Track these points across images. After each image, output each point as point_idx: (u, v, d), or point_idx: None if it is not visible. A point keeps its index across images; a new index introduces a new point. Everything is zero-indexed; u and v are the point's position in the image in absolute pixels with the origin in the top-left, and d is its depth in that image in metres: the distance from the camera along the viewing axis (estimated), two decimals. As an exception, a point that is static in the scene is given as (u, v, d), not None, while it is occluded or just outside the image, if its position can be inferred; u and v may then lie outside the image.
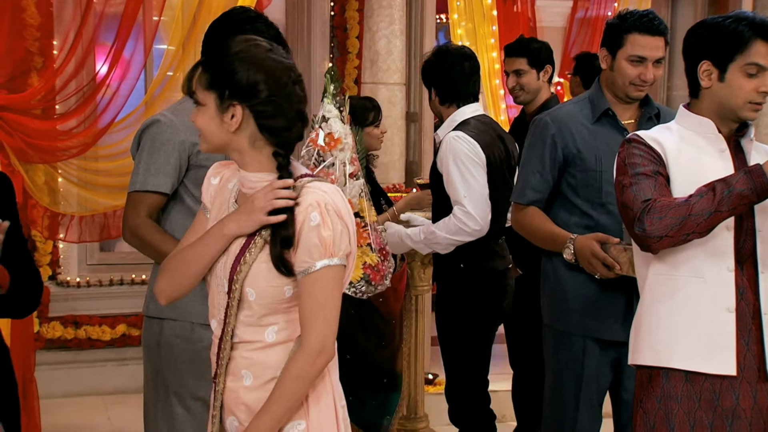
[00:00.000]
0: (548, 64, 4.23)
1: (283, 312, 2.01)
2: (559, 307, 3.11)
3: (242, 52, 1.97)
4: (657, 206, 2.34)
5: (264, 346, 2.02)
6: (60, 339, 5.01)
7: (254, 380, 2.02)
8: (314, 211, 1.95)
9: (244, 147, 2.01)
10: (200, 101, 2.00)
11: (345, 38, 5.37)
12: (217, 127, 1.99)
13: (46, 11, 4.47)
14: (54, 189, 4.21)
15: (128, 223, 2.79)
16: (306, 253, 1.95)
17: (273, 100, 1.97)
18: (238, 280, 1.99)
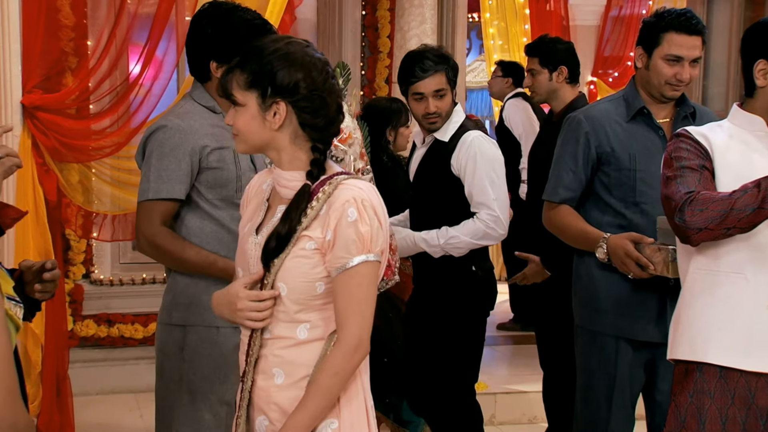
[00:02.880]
0: (563, 65, 4.17)
1: (315, 309, 2.01)
2: (591, 308, 3.09)
3: (280, 50, 1.98)
4: (699, 198, 2.32)
5: (296, 344, 2.01)
6: (93, 337, 5.06)
7: (286, 378, 2.02)
8: (351, 207, 1.95)
9: (285, 144, 2.02)
10: (239, 102, 2.00)
11: (376, 38, 5.38)
12: (259, 125, 2.00)
13: (81, 12, 4.50)
14: (88, 188, 4.24)
15: (143, 232, 2.75)
16: (343, 248, 1.95)
17: (315, 95, 1.99)
18: (270, 274, 1.99)
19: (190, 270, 2.76)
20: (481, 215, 3.44)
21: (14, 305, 1.76)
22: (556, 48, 4.22)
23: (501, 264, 7.83)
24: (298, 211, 1.98)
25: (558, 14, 7.51)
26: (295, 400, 2.00)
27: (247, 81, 1.98)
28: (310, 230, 1.98)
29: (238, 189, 2.78)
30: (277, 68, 1.97)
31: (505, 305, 6.91)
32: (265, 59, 1.98)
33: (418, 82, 3.45)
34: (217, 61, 2.77)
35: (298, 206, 1.98)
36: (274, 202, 2.09)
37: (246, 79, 1.99)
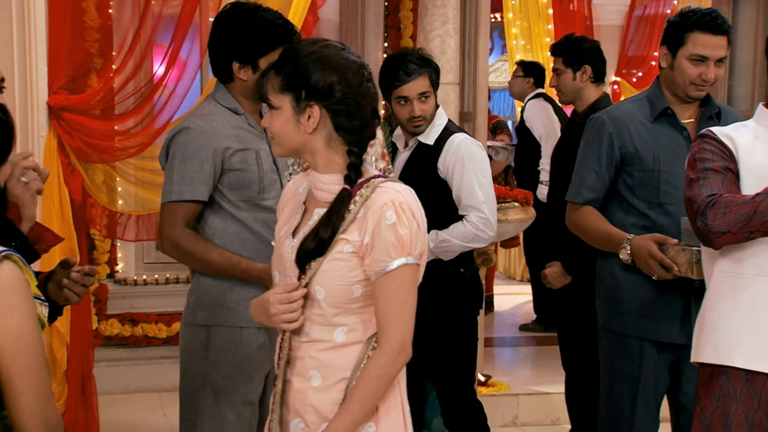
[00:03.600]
0: (587, 65, 4.15)
1: (352, 313, 2.01)
2: (615, 309, 3.08)
3: (315, 53, 1.98)
4: (722, 201, 2.31)
5: (333, 347, 2.01)
6: (118, 336, 5.08)
7: (323, 381, 2.01)
8: (390, 210, 1.95)
9: (320, 148, 2.02)
10: (274, 105, 2.01)
11: (399, 38, 5.37)
12: (294, 128, 2.00)
13: (106, 13, 4.54)
14: (112, 188, 4.27)
15: (167, 234, 2.77)
16: (383, 252, 1.95)
17: (350, 99, 1.99)
18: (306, 277, 2.00)
19: (213, 271, 2.77)
20: (470, 218, 3.42)
21: (40, 304, 1.79)
22: (581, 47, 4.20)
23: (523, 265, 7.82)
24: (339, 215, 1.98)
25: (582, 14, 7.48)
26: (331, 403, 2.00)
27: (282, 84, 1.99)
28: (347, 233, 1.98)
29: (261, 190, 2.79)
30: (311, 71, 1.97)
31: (527, 306, 6.90)
32: (300, 62, 1.98)
33: (403, 86, 3.44)
34: (240, 62, 2.79)
35: (339, 210, 1.98)
36: (310, 205, 2.09)
37: (281, 82, 1.99)
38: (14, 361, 1.67)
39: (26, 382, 1.69)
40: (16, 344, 1.68)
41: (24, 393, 1.69)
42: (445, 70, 4.78)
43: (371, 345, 2.00)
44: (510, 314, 7.11)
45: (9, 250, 1.69)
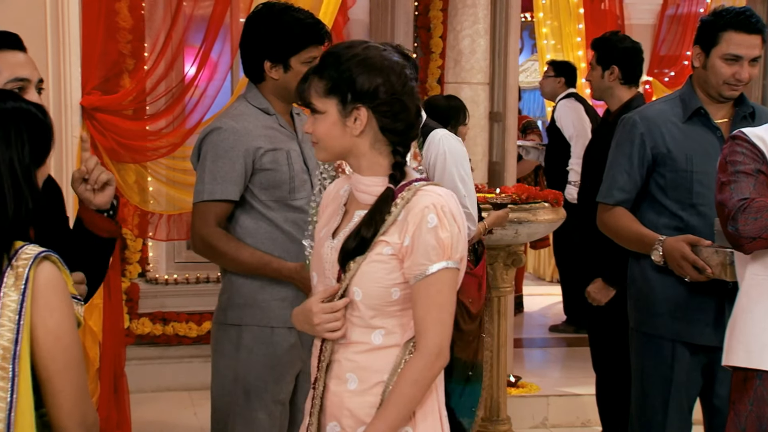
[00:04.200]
0: (615, 65, 4.10)
1: (390, 315, 2.00)
2: (647, 311, 3.06)
3: (358, 55, 1.98)
4: (753, 206, 2.28)
5: (370, 349, 2.01)
6: (149, 335, 5.12)
7: (359, 384, 2.01)
8: (431, 213, 1.94)
9: (365, 150, 2.02)
10: (319, 109, 2.00)
11: (428, 38, 5.37)
12: (340, 132, 2.00)
13: (138, 14, 4.57)
14: (144, 188, 4.31)
15: (198, 233, 2.79)
16: (423, 255, 1.94)
17: (395, 99, 1.98)
18: (345, 278, 2.00)
19: (244, 270, 2.79)
20: None
21: (76, 303, 1.81)
22: (615, 47, 4.16)
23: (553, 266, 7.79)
24: (381, 215, 1.98)
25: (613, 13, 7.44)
26: (368, 407, 1.99)
27: (326, 88, 1.98)
28: (387, 235, 1.98)
29: (291, 190, 2.80)
30: (356, 74, 1.96)
31: (557, 307, 6.86)
32: (344, 65, 1.97)
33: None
34: (271, 61, 2.80)
35: (382, 210, 1.98)
36: (351, 207, 2.09)
37: (325, 86, 1.98)
38: (53, 361, 1.69)
39: (65, 381, 1.71)
40: (55, 344, 1.70)
41: (62, 392, 1.71)
42: (474, 70, 4.79)
43: (409, 349, 2.00)
44: (540, 315, 7.08)
45: (48, 251, 1.71)
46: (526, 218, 4.02)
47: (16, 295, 1.65)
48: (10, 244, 1.68)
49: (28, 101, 1.81)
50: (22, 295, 1.65)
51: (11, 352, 1.63)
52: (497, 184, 4.85)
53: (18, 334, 1.64)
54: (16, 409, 1.64)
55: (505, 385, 4.35)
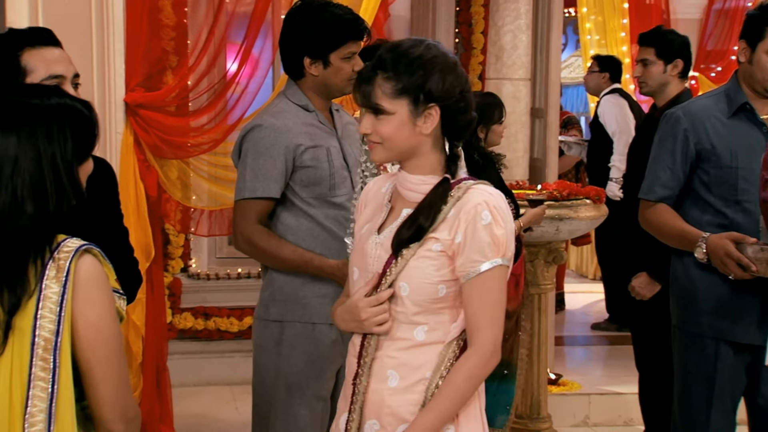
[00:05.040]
0: (679, 59, 4.07)
1: (433, 312, 2.00)
2: (690, 309, 3.02)
3: (424, 55, 1.99)
4: None
5: (413, 345, 2.01)
6: (191, 330, 5.16)
7: (400, 381, 2.00)
8: (485, 210, 1.95)
9: (426, 149, 2.03)
10: (387, 110, 1.99)
11: (470, 34, 5.35)
12: (410, 132, 2.00)
13: (181, 11, 4.60)
14: (186, 184, 4.33)
15: (240, 231, 2.79)
16: (477, 252, 1.95)
17: (462, 97, 2.01)
18: (391, 273, 1.99)
19: (285, 268, 2.80)
20: None
21: (118, 297, 1.83)
22: (674, 40, 4.12)
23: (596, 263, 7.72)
24: (437, 206, 1.98)
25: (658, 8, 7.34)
26: (409, 404, 1.99)
27: (397, 89, 1.98)
28: (437, 232, 1.98)
29: (332, 187, 2.80)
30: (427, 74, 1.97)
31: (600, 305, 6.81)
32: (414, 65, 1.97)
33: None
34: (311, 57, 2.80)
35: (438, 201, 1.99)
36: (397, 205, 2.09)
37: (394, 86, 1.98)
38: (94, 353, 1.71)
39: (105, 374, 1.73)
40: (96, 336, 1.71)
41: (103, 384, 1.73)
42: (516, 65, 4.77)
43: (452, 348, 2.00)
44: (582, 313, 7.03)
45: (89, 244, 1.73)
46: (567, 215, 3.99)
47: (58, 288, 1.67)
48: (52, 238, 1.71)
49: (73, 97, 1.83)
50: (63, 287, 1.67)
51: (52, 343, 1.66)
52: (538, 181, 4.81)
53: (59, 325, 1.66)
54: (57, 399, 1.66)
55: (546, 382, 4.32)
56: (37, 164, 1.69)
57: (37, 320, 1.66)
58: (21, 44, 2.24)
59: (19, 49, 2.23)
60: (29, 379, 1.65)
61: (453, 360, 1.99)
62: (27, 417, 1.64)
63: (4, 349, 1.66)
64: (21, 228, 1.67)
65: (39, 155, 1.70)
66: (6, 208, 1.67)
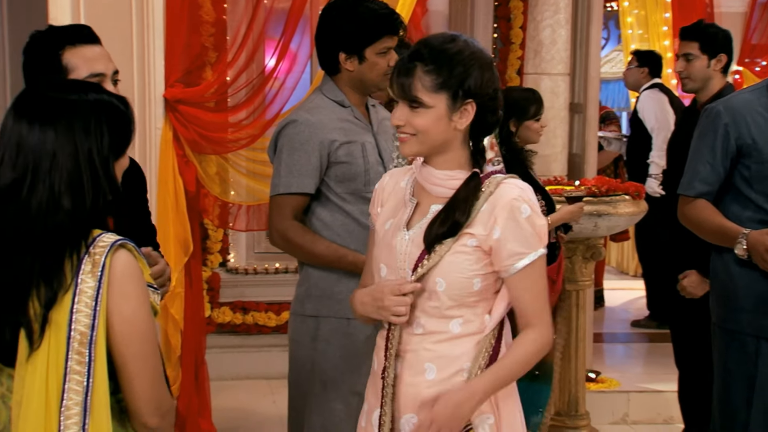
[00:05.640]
0: (723, 53, 4.02)
1: (467, 306, 2.02)
2: (730, 306, 2.97)
3: (464, 51, 2.00)
4: None
5: (449, 338, 2.02)
6: (229, 324, 5.20)
7: (438, 373, 2.01)
8: (523, 204, 1.97)
9: (458, 144, 2.04)
10: (426, 104, 2.00)
11: (508, 28, 5.32)
12: (445, 126, 2.01)
13: (221, 8, 4.64)
14: (224, 179, 4.36)
15: (275, 226, 2.81)
16: (522, 244, 1.97)
17: (496, 95, 2.03)
18: (423, 267, 2.00)
19: (320, 263, 2.80)
20: None
21: (152, 292, 1.84)
22: (718, 35, 4.07)
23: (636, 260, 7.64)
24: (471, 201, 2.00)
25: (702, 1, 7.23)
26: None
27: (437, 83, 1.98)
28: (471, 227, 1.99)
29: (367, 183, 2.80)
30: (468, 70, 1.98)
31: (640, 302, 6.74)
32: (454, 60, 1.99)
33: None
34: (346, 52, 2.80)
35: (470, 196, 2.00)
36: (423, 200, 2.09)
37: (435, 81, 1.98)
38: (129, 347, 1.73)
39: (140, 367, 1.74)
40: (130, 330, 1.73)
41: (137, 377, 1.74)
42: (555, 60, 4.73)
43: (489, 339, 2.02)
44: (622, 310, 6.97)
45: (124, 239, 1.75)
46: (606, 211, 3.95)
47: (93, 282, 1.68)
48: (88, 233, 1.72)
49: (110, 93, 1.84)
50: (98, 282, 1.68)
51: (88, 337, 1.67)
52: (577, 177, 4.77)
53: (94, 320, 1.67)
54: (92, 393, 1.67)
55: (584, 379, 4.29)
56: (75, 160, 1.71)
57: (73, 314, 1.67)
58: (62, 42, 2.27)
59: (60, 47, 2.26)
60: (65, 372, 1.66)
61: (490, 350, 2.02)
62: (63, 410, 1.66)
63: (41, 343, 1.67)
64: (58, 223, 1.69)
65: (76, 150, 1.71)
66: (44, 203, 1.69)
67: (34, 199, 1.69)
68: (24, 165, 1.70)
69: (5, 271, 1.69)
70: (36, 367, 1.67)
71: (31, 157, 1.69)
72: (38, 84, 1.81)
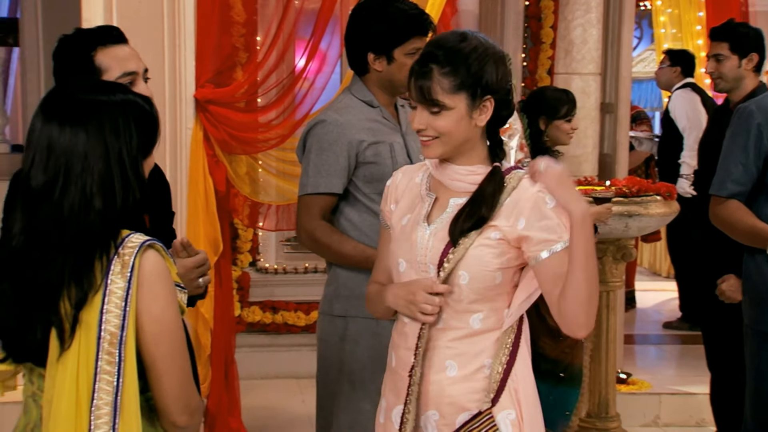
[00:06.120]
0: (754, 52, 3.98)
1: (488, 300, 2.03)
2: (762, 308, 2.95)
3: (477, 48, 2.01)
4: None
5: (469, 334, 2.03)
6: (259, 323, 5.22)
7: (459, 370, 2.03)
8: (547, 195, 1.98)
9: (476, 140, 2.06)
10: (448, 105, 2.00)
11: (539, 28, 5.29)
12: (467, 125, 2.02)
13: (252, 8, 4.66)
14: (254, 179, 4.37)
15: (303, 226, 2.81)
16: (551, 232, 1.98)
17: (510, 90, 2.06)
18: (449, 261, 2.00)
19: (347, 263, 2.81)
20: None
21: (180, 291, 1.85)
22: (749, 34, 4.03)
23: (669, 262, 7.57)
24: (495, 194, 2.01)
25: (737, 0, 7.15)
26: (470, 392, 2.02)
27: (455, 84, 1.99)
28: (495, 220, 2.00)
29: None
30: (484, 67, 2.00)
31: (672, 303, 6.69)
32: (470, 59, 1.99)
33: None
34: (375, 53, 2.80)
35: (495, 190, 2.01)
36: (441, 195, 2.10)
37: (453, 82, 1.99)
38: (158, 347, 1.74)
39: (168, 366, 1.76)
40: (159, 330, 1.74)
41: (166, 376, 1.76)
42: (585, 60, 4.70)
43: (509, 335, 2.03)
44: (654, 311, 6.92)
45: (152, 240, 1.76)
46: (637, 211, 3.91)
47: (123, 283, 1.70)
48: (117, 233, 1.74)
49: (135, 93, 1.86)
50: (128, 282, 1.70)
51: (118, 337, 1.68)
52: (608, 177, 4.74)
53: (124, 320, 1.69)
54: (122, 393, 1.69)
55: (614, 381, 4.25)
56: (106, 160, 1.72)
57: (103, 315, 1.68)
58: (93, 44, 2.28)
59: (92, 48, 2.27)
60: (95, 372, 1.67)
61: (510, 346, 2.03)
62: (93, 409, 1.67)
63: (71, 343, 1.69)
64: (89, 224, 1.70)
65: (107, 151, 1.72)
66: (76, 204, 1.70)
67: (66, 201, 1.70)
68: (56, 167, 1.71)
69: (38, 272, 1.71)
70: (66, 366, 1.69)
71: (63, 159, 1.71)
72: (66, 85, 1.82)
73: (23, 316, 1.73)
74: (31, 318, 1.72)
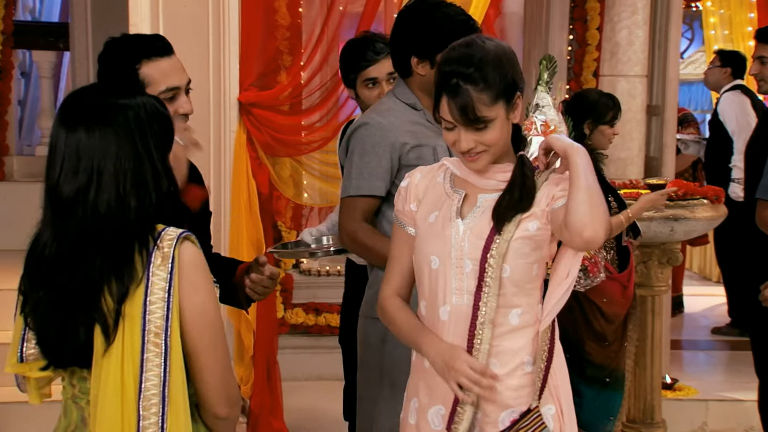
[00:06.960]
0: None
1: (526, 294, 2.05)
2: (810, 314, 2.88)
3: (491, 51, 2.03)
4: None
5: (509, 331, 2.04)
6: (302, 325, 5.24)
7: (500, 368, 2.03)
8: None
9: (508, 137, 2.09)
10: (490, 119, 2.01)
11: (584, 30, 5.25)
12: (507, 127, 2.07)
13: (296, 12, 4.68)
14: (298, 182, 4.40)
15: (346, 228, 2.81)
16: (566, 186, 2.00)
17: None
18: (494, 256, 2.00)
19: None
20: None
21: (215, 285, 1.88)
22: None
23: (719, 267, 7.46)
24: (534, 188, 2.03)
25: (790, 1, 7.02)
26: (512, 389, 2.03)
27: (493, 96, 2.00)
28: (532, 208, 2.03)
29: None
30: (505, 68, 2.02)
31: (721, 308, 6.57)
32: (498, 66, 2.01)
33: (371, 67, 3.39)
34: (418, 57, 2.79)
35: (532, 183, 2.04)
36: (469, 191, 2.11)
37: (490, 95, 2.00)
38: (200, 337, 1.77)
39: (211, 357, 1.79)
40: (201, 321, 1.77)
41: (208, 368, 1.78)
42: (631, 62, 4.65)
43: (546, 332, 2.05)
44: (702, 316, 6.81)
45: (187, 231, 1.79)
46: (683, 215, 3.86)
47: (165, 274, 1.73)
48: (153, 227, 1.77)
49: (149, 95, 1.90)
50: (169, 273, 1.73)
51: (162, 329, 1.71)
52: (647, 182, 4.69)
53: (168, 311, 1.72)
54: (169, 383, 1.71)
55: (660, 387, 4.20)
56: (136, 158, 1.76)
57: (147, 306, 1.71)
58: (138, 56, 2.30)
59: (137, 61, 2.29)
60: (141, 364, 1.70)
61: (548, 343, 2.05)
62: (141, 400, 1.70)
63: (116, 337, 1.71)
64: (126, 221, 1.74)
65: (136, 150, 1.76)
66: (112, 204, 1.74)
67: (102, 203, 1.74)
68: (88, 169, 1.74)
69: (75, 274, 1.74)
70: (111, 361, 1.72)
71: (96, 162, 1.74)
72: (80, 94, 1.85)
73: (64, 321, 1.76)
74: (73, 320, 1.75)
